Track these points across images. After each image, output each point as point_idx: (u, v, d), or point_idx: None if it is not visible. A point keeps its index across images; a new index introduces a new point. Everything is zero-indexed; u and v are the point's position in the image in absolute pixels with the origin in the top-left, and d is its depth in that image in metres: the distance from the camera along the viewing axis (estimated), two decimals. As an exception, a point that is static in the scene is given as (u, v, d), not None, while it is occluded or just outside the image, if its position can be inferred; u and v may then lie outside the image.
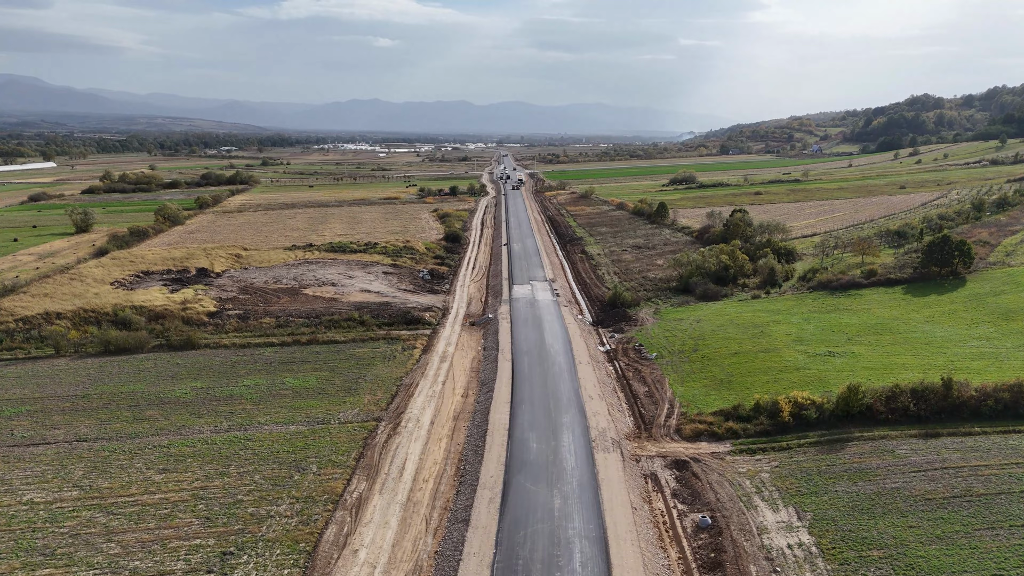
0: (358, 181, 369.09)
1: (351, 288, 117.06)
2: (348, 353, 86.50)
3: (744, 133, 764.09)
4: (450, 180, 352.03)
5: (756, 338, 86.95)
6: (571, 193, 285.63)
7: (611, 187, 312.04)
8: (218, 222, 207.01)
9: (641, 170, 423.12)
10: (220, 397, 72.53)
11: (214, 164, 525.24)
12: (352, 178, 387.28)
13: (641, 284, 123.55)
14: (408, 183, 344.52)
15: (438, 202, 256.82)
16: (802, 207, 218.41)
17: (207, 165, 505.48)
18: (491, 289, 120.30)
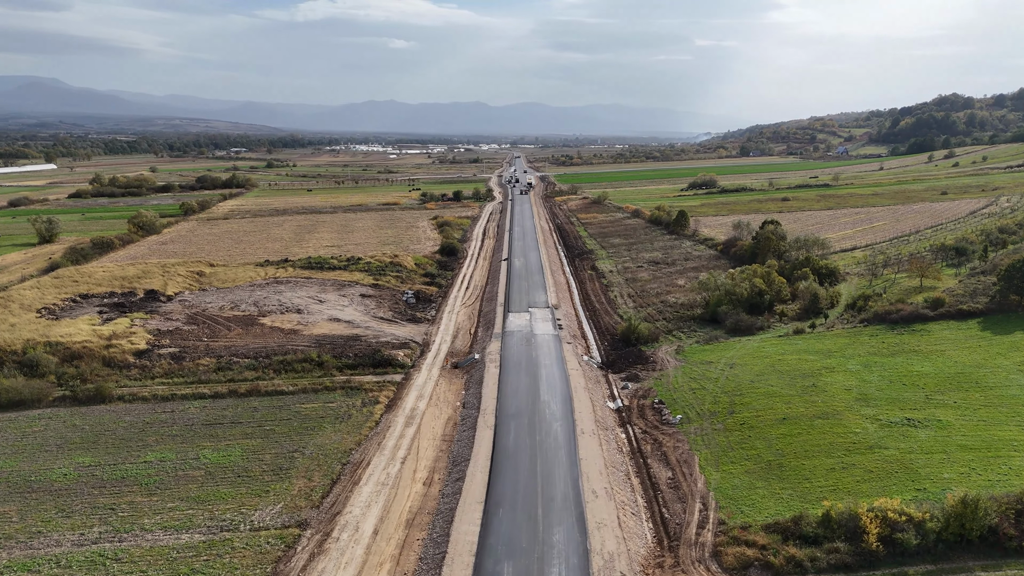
0: (360, 184, 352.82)
1: (318, 316, 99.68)
2: (293, 410, 69.06)
3: (764, 134, 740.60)
4: (456, 184, 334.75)
5: (808, 394, 68.46)
6: (583, 198, 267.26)
7: (626, 191, 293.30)
8: (198, 231, 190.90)
9: (658, 173, 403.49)
10: (108, 481, 55.30)
11: (218, 166, 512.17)
12: (355, 181, 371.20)
13: (660, 311, 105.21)
14: (412, 187, 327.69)
15: (440, 208, 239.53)
16: (836, 215, 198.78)
17: (210, 167, 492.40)
18: (483, 317, 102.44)
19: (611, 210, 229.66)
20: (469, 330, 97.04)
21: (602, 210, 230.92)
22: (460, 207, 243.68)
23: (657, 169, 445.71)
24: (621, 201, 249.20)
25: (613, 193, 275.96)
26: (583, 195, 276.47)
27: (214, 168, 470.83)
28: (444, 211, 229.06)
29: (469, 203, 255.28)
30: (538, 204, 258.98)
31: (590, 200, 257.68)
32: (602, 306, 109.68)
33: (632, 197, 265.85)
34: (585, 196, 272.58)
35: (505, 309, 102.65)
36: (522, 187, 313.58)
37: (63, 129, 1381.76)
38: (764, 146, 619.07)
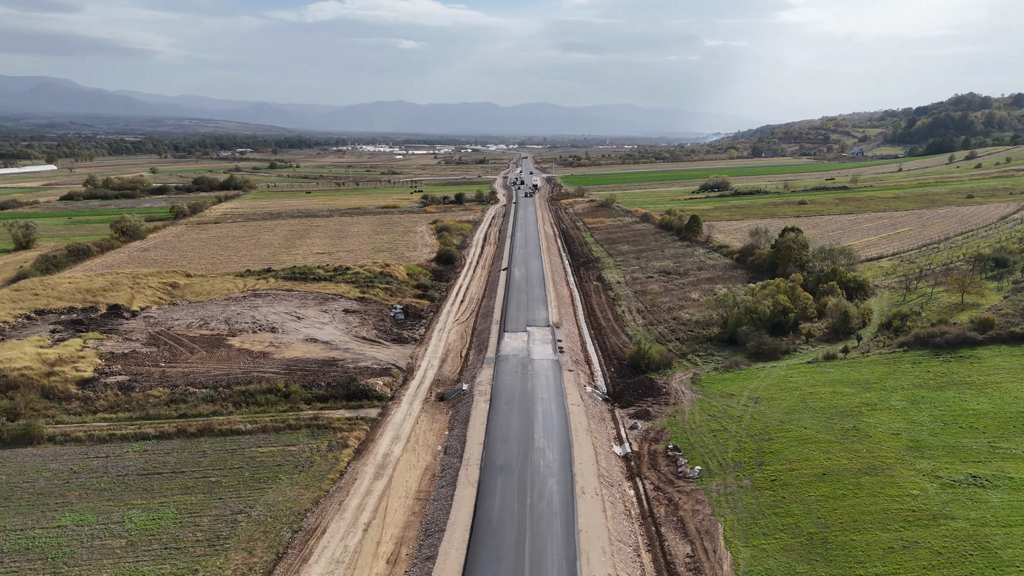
0: (361, 186, 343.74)
1: (293, 336, 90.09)
2: (247, 454, 59.43)
3: (776, 134, 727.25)
4: (460, 186, 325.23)
5: (849, 439, 58.27)
6: (590, 201, 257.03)
7: (635, 194, 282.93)
8: (185, 236, 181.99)
9: (667, 174, 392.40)
10: (8, 554, 45.73)
11: (219, 167, 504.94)
12: (356, 183, 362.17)
13: (672, 330, 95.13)
14: (413, 189, 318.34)
15: (440, 212, 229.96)
16: (857, 220, 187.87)
17: (211, 168, 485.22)
18: (476, 337, 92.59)
19: (619, 214, 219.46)
20: (460, 352, 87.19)
21: (610, 214, 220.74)
22: (462, 210, 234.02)
23: (667, 170, 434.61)
24: (630, 204, 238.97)
25: (621, 196, 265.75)
26: (590, 198, 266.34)
27: (216, 169, 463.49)
28: (444, 215, 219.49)
29: (471, 206, 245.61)
30: (543, 207, 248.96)
31: (597, 203, 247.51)
32: (608, 324, 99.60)
33: (641, 200, 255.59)
34: (592, 199, 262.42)
35: (501, 328, 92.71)
36: (527, 189, 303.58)
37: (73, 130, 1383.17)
38: (776, 146, 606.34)
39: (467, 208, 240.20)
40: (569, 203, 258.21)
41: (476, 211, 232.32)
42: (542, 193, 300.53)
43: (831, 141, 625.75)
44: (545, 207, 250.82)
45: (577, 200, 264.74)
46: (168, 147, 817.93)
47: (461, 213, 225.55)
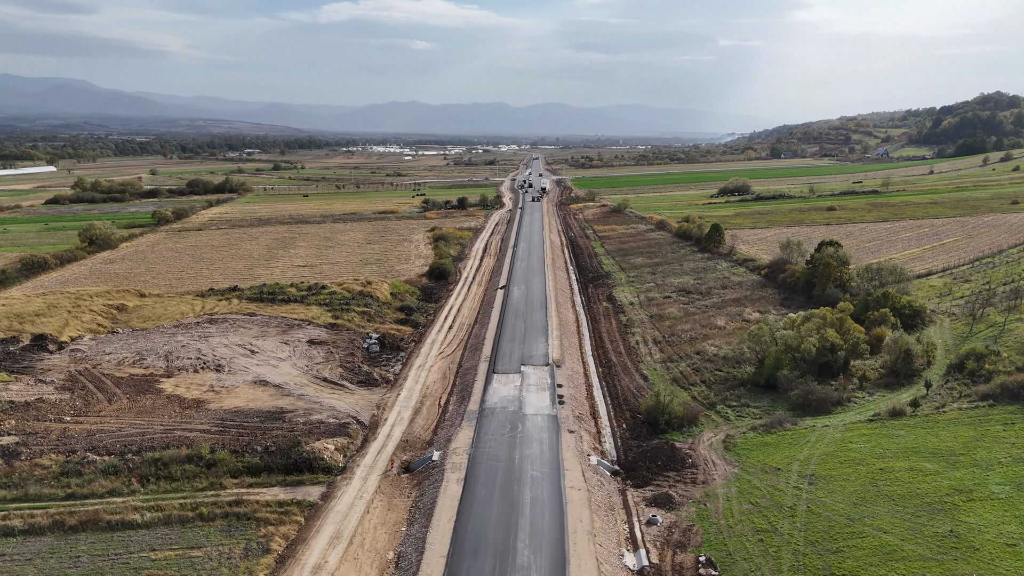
0: (362, 189, 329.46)
1: (240, 377, 75.15)
2: (133, 564, 44.30)
3: (794, 134, 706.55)
4: (466, 188, 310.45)
5: (949, 554, 42.39)
6: (601, 206, 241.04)
7: (649, 198, 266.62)
8: (160, 246, 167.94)
9: (683, 177, 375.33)
10: None
11: (222, 168, 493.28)
12: (357, 185, 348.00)
13: (696, 368, 79.49)
14: (416, 192, 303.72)
15: (440, 218, 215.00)
16: (894, 229, 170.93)
17: (213, 169, 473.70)
18: (461, 377, 77.24)
19: (632, 221, 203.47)
20: (439, 399, 71.79)
21: (622, 221, 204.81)
22: (464, 216, 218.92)
23: (682, 172, 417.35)
24: (644, 209, 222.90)
25: (635, 200, 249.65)
26: (601, 202, 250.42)
27: (218, 171, 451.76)
28: (445, 221, 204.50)
29: (474, 211, 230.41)
30: (550, 213, 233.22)
31: (609, 209, 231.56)
32: (620, 359, 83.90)
33: (656, 205, 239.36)
34: (604, 204, 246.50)
35: (490, 367, 77.21)
36: (535, 193, 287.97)
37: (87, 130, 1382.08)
38: (795, 147, 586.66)
39: (470, 214, 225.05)
40: (579, 208, 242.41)
41: (479, 217, 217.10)
42: (550, 197, 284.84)
43: (852, 142, 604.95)
44: (553, 212, 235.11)
45: (587, 205, 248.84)
46: (176, 148, 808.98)
47: (463, 219, 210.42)
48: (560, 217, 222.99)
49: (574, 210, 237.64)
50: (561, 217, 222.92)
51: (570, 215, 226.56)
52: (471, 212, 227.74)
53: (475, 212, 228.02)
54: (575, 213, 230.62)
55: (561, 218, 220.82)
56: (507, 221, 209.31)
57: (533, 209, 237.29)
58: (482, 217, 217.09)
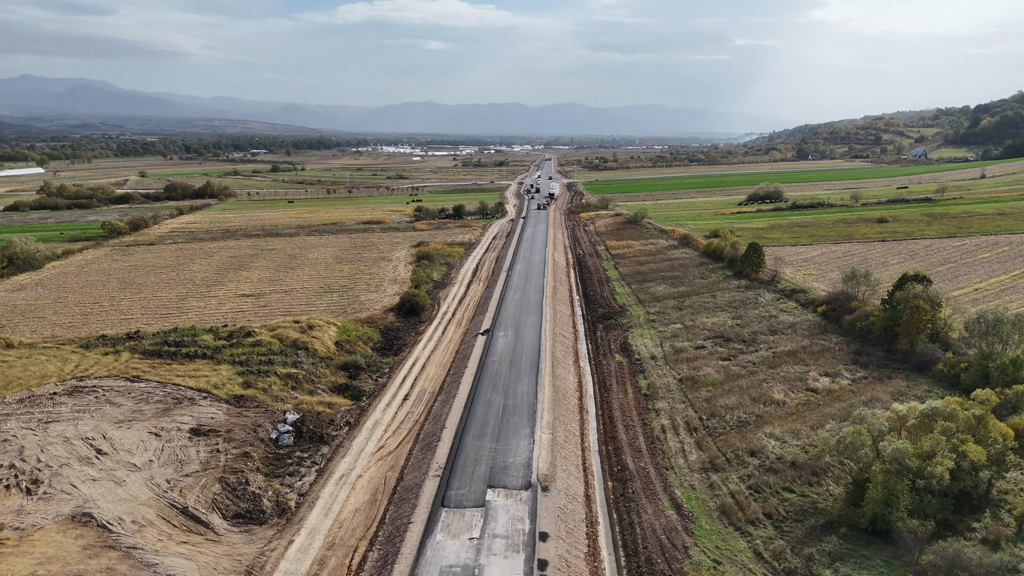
0: (355, 194, 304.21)
1: (55, 507, 48.95)
2: None
3: (819, 134, 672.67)
4: (467, 194, 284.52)
5: None
6: (615, 216, 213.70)
7: (669, 205, 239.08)
8: (95, 265, 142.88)
9: (706, 181, 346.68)
10: None
11: (220, 169, 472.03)
12: (350, 190, 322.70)
13: (753, 486, 52.55)
14: (412, 198, 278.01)
15: (432, 229, 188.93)
16: (965, 248, 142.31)
17: (211, 171, 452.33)
18: (393, 509, 50.48)
19: (651, 234, 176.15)
20: (347, 562, 45.02)
21: (640, 234, 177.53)
22: (458, 227, 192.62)
23: (704, 175, 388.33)
24: (664, 220, 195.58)
25: (653, 208, 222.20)
26: (616, 211, 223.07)
27: (213, 172, 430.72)
28: (435, 234, 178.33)
29: (471, 222, 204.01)
30: (557, 224, 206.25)
31: (624, 219, 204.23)
32: (639, 464, 56.96)
33: (678, 214, 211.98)
34: (618, 212, 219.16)
35: (439, 493, 50.36)
36: (541, 200, 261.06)
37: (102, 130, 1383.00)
38: (823, 148, 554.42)
39: (466, 224, 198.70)
40: (590, 218, 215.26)
41: (475, 229, 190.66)
42: (559, 204, 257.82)
43: (883, 142, 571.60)
44: (560, 223, 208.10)
45: (600, 214, 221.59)
46: (180, 148, 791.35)
47: (456, 232, 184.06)
48: (568, 229, 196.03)
49: (584, 220, 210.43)
50: (569, 229, 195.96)
51: (580, 227, 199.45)
52: (467, 223, 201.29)
53: (472, 223, 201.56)
54: (585, 224, 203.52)
55: (569, 230, 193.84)
56: (507, 234, 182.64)
57: (538, 219, 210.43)
58: (479, 229, 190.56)
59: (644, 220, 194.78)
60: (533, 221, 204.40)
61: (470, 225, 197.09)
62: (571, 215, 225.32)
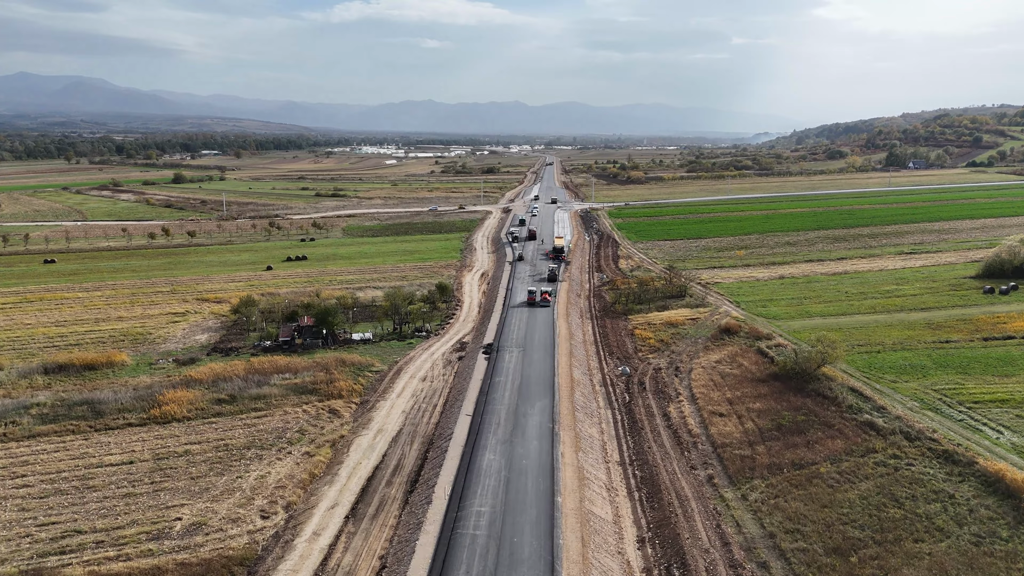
0: (212, 235, 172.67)
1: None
2: None
3: (893, 134, 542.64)
4: (407, 239, 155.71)
5: None
6: (719, 322, 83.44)
7: (820, 286, 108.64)
8: None
9: (826, 213, 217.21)
10: None
11: (85, 181, 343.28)
12: (222, 220, 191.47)
13: None
14: (302, 241, 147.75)
15: (190, 419, 58.59)
16: None
17: (76, 182, 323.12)
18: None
19: (850, 420, 44.49)
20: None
21: (830, 423, 45.98)
22: (277, 414, 62.09)
23: (796, 196, 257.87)
24: (844, 334, 64.79)
25: (780, 292, 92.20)
26: (710, 307, 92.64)
27: (78, 184, 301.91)
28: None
29: (337, 377, 73.25)
30: (582, 361, 75.40)
31: (745, 339, 73.72)
32: None
33: (830, 304, 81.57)
34: (722, 313, 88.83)
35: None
36: (538, 262, 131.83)
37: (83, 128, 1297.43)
38: (899, 149, 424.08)
39: (309, 388, 68.50)
40: (644, 322, 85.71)
41: (323, 424, 60.31)
42: (574, 270, 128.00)
43: (984, 144, 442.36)
44: (588, 360, 77.80)
45: (674, 320, 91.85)
46: (109, 148, 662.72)
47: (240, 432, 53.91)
48: (617, 398, 65.97)
49: (635, 326, 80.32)
50: (618, 398, 65.99)
51: (638, 365, 68.75)
52: (322, 381, 70.88)
53: (336, 381, 71.21)
54: (641, 348, 72.97)
55: (620, 402, 63.85)
56: (404, 478, 52.17)
57: (530, 343, 79.88)
58: (331, 430, 60.08)
59: (773, 339, 65.37)
60: (516, 363, 73.51)
61: (322, 390, 67.42)
62: (606, 318, 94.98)
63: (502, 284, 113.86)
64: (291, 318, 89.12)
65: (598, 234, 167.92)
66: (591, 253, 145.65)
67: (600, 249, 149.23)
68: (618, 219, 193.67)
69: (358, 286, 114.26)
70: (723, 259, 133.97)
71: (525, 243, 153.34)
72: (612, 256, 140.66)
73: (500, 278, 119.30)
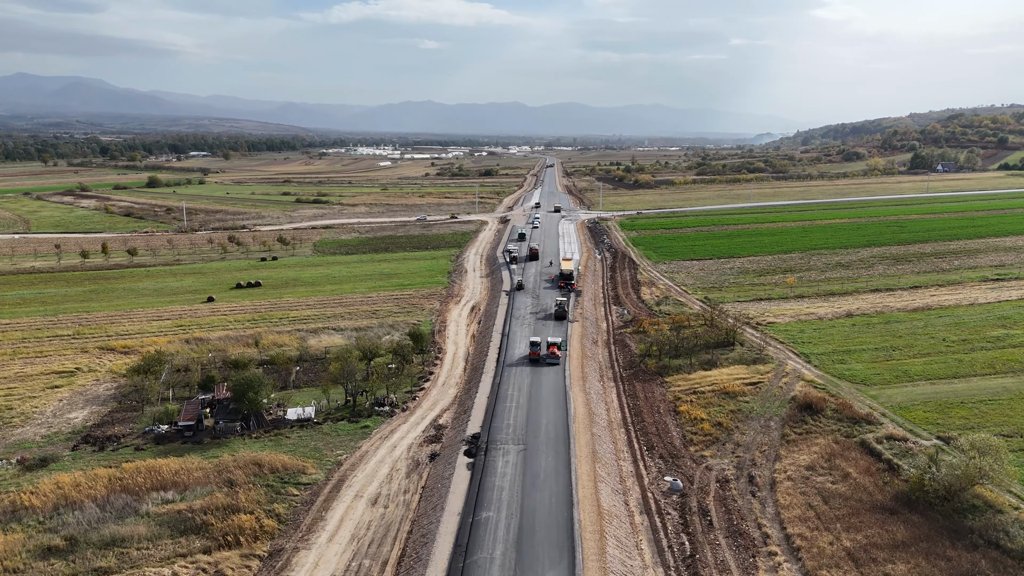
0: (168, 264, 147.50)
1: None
2: None
3: (910, 135, 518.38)
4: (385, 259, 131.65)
5: None
6: (753, 374, 58.90)
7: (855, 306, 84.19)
8: None
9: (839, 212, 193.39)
10: None
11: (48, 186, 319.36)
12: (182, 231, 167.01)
13: None
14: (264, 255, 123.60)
15: None
16: None
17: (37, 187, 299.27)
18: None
19: None
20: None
21: None
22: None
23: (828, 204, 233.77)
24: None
25: (855, 338, 67.77)
26: (773, 356, 68.40)
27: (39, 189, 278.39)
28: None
29: (236, 504, 48.85)
30: (610, 465, 51.21)
31: (838, 423, 49.13)
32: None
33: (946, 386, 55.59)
34: (803, 388, 64.59)
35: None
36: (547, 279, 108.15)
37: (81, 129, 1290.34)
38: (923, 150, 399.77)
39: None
40: (688, 387, 63.16)
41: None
42: (586, 302, 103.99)
43: (1008, 145, 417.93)
44: (614, 441, 55.18)
45: (719, 361, 68.01)
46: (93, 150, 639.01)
47: None
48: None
49: (695, 429, 56.93)
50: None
51: (728, 560, 43.96)
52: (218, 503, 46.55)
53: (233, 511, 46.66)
54: (730, 498, 49.19)
55: None
56: None
57: (533, 450, 55.45)
58: None
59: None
60: (514, 478, 49.27)
61: (214, 527, 42.85)
62: (635, 388, 70.38)
63: (497, 325, 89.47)
64: (207, 385, 64.94)
65: (611, 251, 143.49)
66: (605, 277, 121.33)
67: (615, 271, 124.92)
68: (632, 231, 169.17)
69: (313, 327, 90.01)
70: (768, 287, 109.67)
71: (525, 263, 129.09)
72: (631, 281, 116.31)
73: (495, 314, 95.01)
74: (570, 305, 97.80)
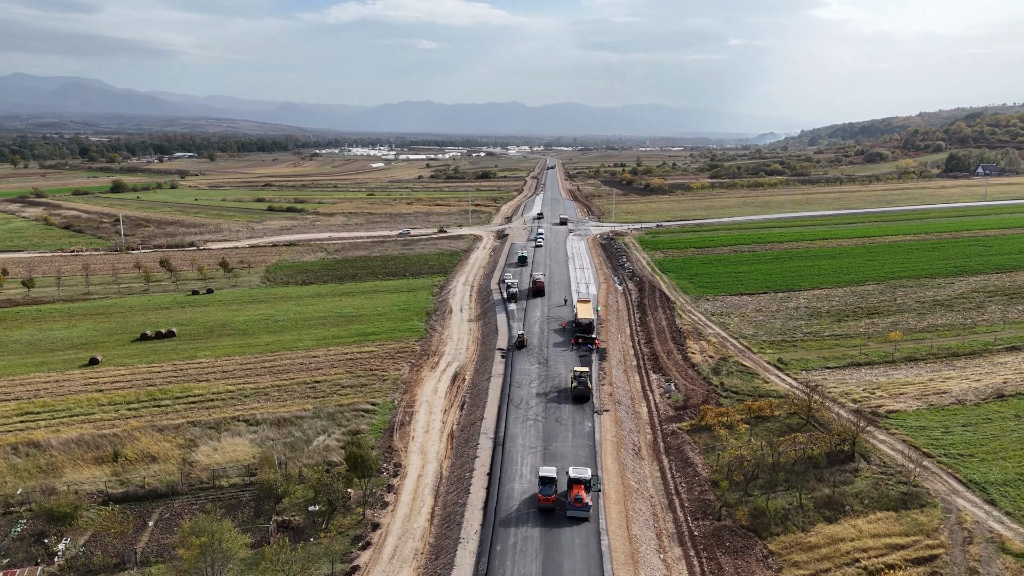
0: (70, 300, 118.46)
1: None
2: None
3: (934, 135, 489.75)
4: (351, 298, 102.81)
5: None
6: (910, 531, 29.34)
7: (1001, 377, 54.81)
8: None
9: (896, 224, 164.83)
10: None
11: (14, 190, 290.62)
12: (120, 248, 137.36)
13: None
14: (194, 285, 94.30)
15: None
16: None
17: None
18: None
19: None
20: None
21: None
22: None
23: (904, 213, 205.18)
24: None
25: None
26: (930, 491, 38.94)
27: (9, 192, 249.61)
28: None
29: None
30: None
31: None
32: None
33: None
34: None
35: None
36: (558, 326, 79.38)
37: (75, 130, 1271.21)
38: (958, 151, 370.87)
39: None
40: (814, 569, 32.91)
41: None
42: (613, 369, 75.50)
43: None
44: None
45: (845, 499, 40.51)
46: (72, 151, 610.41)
47: None
48: None
49: None
50: None
51: None
52: None
53: None
54: None
55: None
56: None
57: None
58: None
59: None
60: None
61: None
62: (720, 564, 41.18)
63: (487, 421, 60.14)
64: None
65: (634, 280, 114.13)
66: (633, 321, 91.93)
67: (645, 311, 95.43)
68: (656, 251, 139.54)
69: (217, 416, 60.95)
70: (858, 341, 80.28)
71: (528, 300, 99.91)
72: (668, 329, 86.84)
73: (484, 394, 65.85)
74: (593, 375, 68.67)
